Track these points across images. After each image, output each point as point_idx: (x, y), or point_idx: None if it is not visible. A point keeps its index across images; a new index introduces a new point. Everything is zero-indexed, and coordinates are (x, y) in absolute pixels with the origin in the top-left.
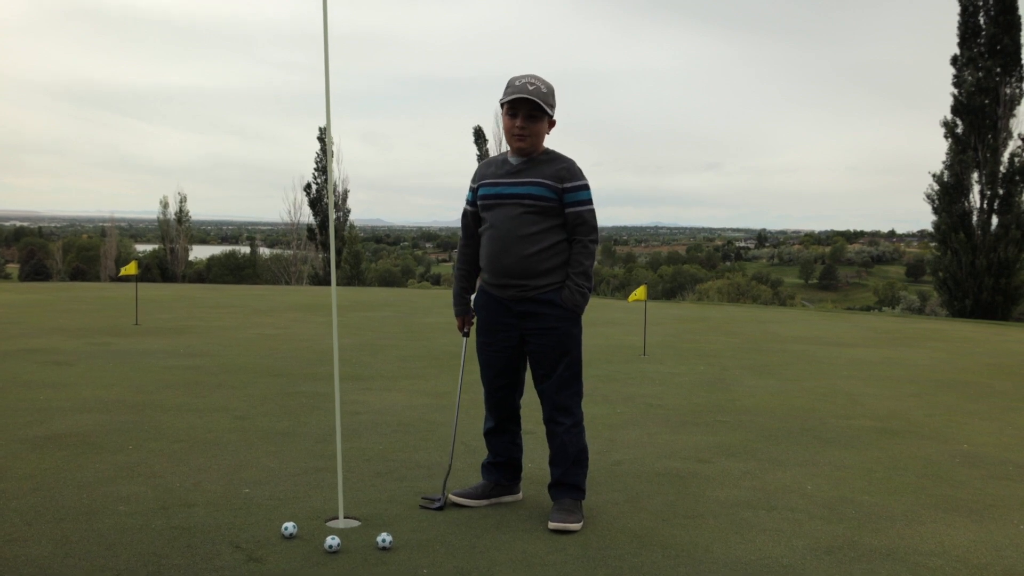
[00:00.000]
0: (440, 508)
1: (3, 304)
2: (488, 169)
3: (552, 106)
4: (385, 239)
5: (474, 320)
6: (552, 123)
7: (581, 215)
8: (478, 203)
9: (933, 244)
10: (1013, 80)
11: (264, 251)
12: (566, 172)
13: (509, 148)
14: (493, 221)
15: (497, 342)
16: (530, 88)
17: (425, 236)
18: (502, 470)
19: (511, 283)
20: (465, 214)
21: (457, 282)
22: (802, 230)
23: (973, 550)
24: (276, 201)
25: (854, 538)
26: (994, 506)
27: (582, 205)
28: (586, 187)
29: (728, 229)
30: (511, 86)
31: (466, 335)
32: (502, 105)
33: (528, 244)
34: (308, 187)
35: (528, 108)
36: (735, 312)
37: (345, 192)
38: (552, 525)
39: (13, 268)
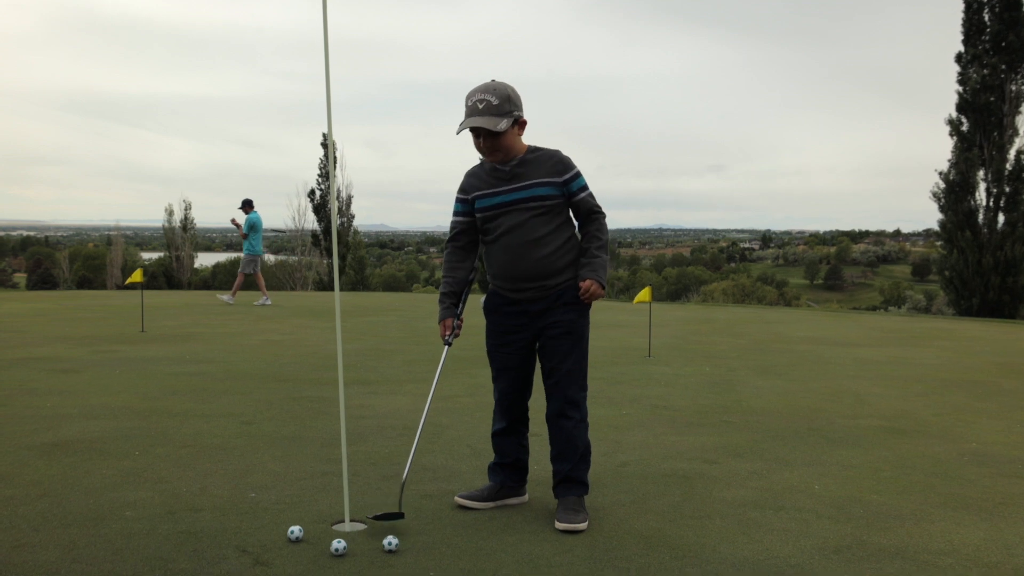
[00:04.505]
0: (386, 519)
1: (10, 313)
2: (479, 180)
3: (508, 113)
4: (389, 244)
5: (457, 328)
6: (522, 123)
7: (587, 200)
8: (477, 215)
9: (939, 243)
10: (1019, 77)
11: (269, 257)
12: (561, 165)
13: None
14: (502, 230)
15: (511, 343)
16: (480, 108)
17: (429, 241)
18: (508, 471)
19: (529, 286)
20: (454, 226)
21: (442, 287)
22: (807, 230)
23: (983, 549)
24: (280, 208)
25: (863, 537)
26: (1004, 504)
27: (584, 191)
28: (580, 173)
29: (732, 230)
30: (465, 106)
31: (448, 344)
32: None
33: (542, 247)
34: (312, 193)
35: (483, 130)
36: (740, 313)
37: (349, 198)
38: (560, 526)
39: (20, 277)
